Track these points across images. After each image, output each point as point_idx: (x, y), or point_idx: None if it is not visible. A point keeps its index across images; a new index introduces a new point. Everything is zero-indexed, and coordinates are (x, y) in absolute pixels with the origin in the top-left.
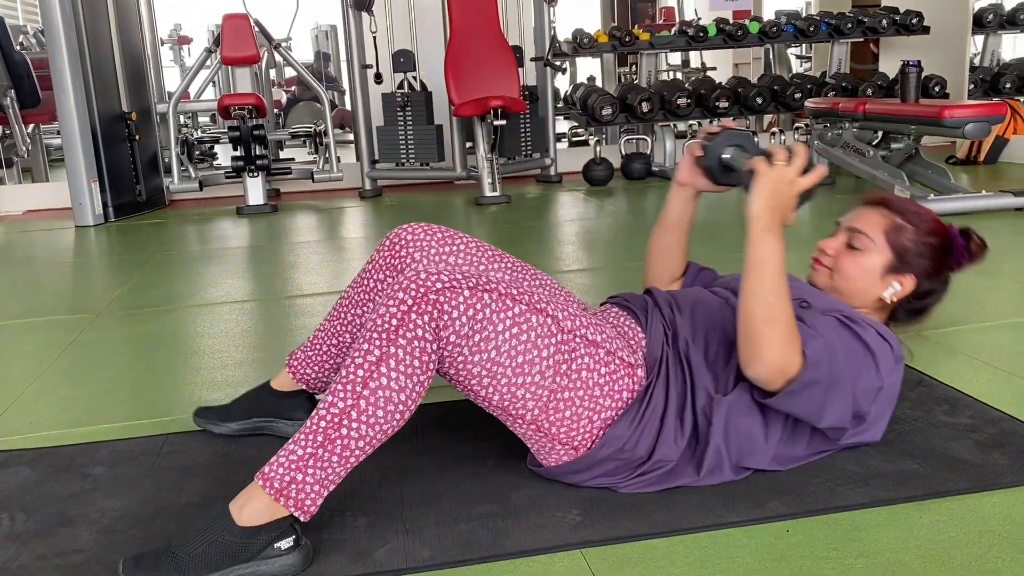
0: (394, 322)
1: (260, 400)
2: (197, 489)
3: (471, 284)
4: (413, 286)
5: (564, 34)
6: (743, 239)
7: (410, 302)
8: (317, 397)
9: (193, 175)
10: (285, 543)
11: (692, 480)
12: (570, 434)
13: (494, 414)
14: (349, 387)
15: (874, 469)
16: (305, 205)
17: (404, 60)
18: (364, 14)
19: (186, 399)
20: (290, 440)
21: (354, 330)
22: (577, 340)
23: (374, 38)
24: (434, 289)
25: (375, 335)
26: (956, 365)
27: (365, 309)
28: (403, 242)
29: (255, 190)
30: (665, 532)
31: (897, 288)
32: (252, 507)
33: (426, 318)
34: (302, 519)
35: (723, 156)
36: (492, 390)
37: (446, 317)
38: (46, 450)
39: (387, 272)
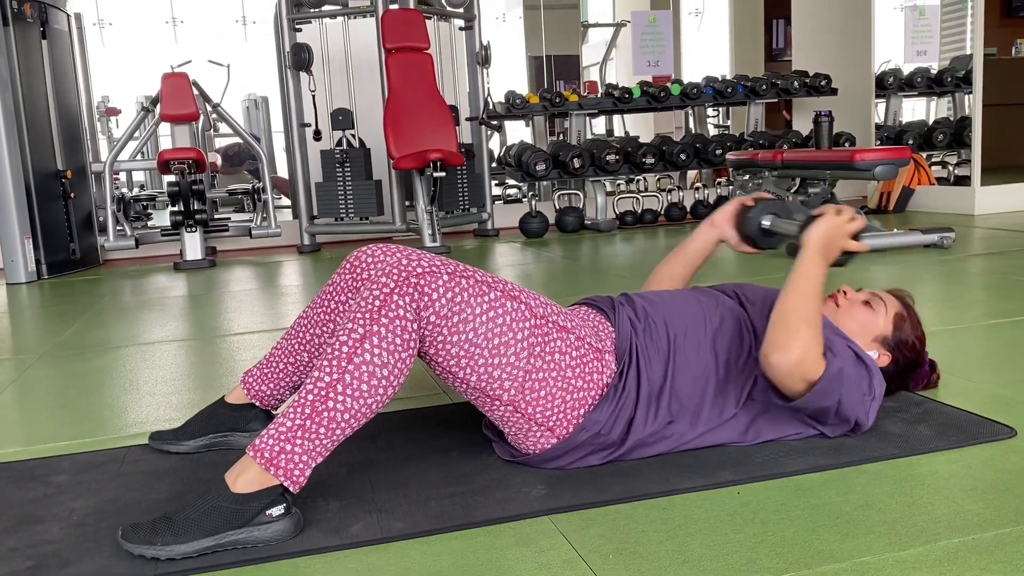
0: (377, 303)
1: (215, 416)
2: (166, 488)
3: (450, 270)
4: (395, 271)
5: (498, 97)
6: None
7: (392, 284)
8: (273, 413)
9: (129, 233)
10: (276, 511)
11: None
12: (545, 414)
13: (471, 398)
14: (335, 362)
15: (813, 443)
16: (243, 260)
17: (343, 118)
18: (302, 74)
19: (143, 419)
20: (279, 413)
21: (312, 349)
22: (549, 325)
23: (313, 97)
24: (415, 273)
25: (359, 315)
26: None
27: (325, 330)
28: (364, 264)
29: (193, 245)
30: (626, 499)
31: (875, 356)
32: (245, 477)
33: (407, 299)
34: (292, 489)
35: (763, 223)
36: (470, 371)
37: (426, 299)
38: (3, 464)
39: (348, 294)
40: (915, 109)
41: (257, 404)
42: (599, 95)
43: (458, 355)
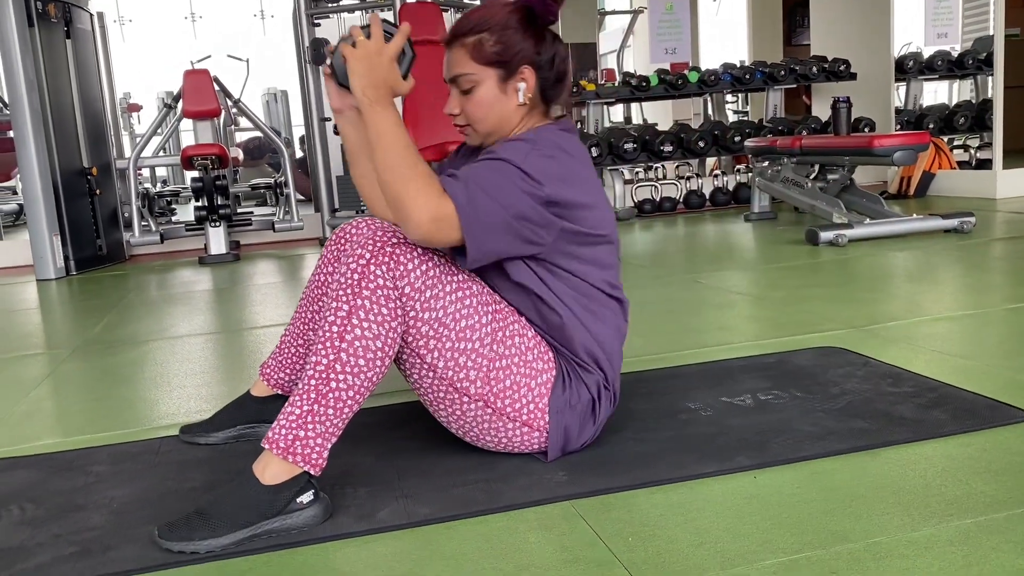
0: (356, 276)
1: (243, 408)
2: (199, 477)
3: (422, 246)
4: (370, 242)
5: None
6: (694, 267)
7: (368, 256)
8: None
9: (153, 228)
10: (306, 497)
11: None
12: (515, 407)
13: (440, 395)
14: (328, 343)
15: (828, 428)
16: (266, 254)
17: None
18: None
19: (174, 411)
20: (287, 403)
21: (315, 327)
22: (506, 310)
23: None
24: (390, 243)
25: (341, 291)
26: (897, 350)
27: (321, 304)
28: (348, 236)
29: (217, 239)
30: (645, 484)
31: (523, 86)
32: (270, 470)
33: (384, 268)
34: (313, 472)
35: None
36: (438, 354)
37: (402, 268)
38: (44, 456)
39: (335, 266)
40: (937, 92)
41: (281, 393)
42: (616, 83)
43: (427, 335)
